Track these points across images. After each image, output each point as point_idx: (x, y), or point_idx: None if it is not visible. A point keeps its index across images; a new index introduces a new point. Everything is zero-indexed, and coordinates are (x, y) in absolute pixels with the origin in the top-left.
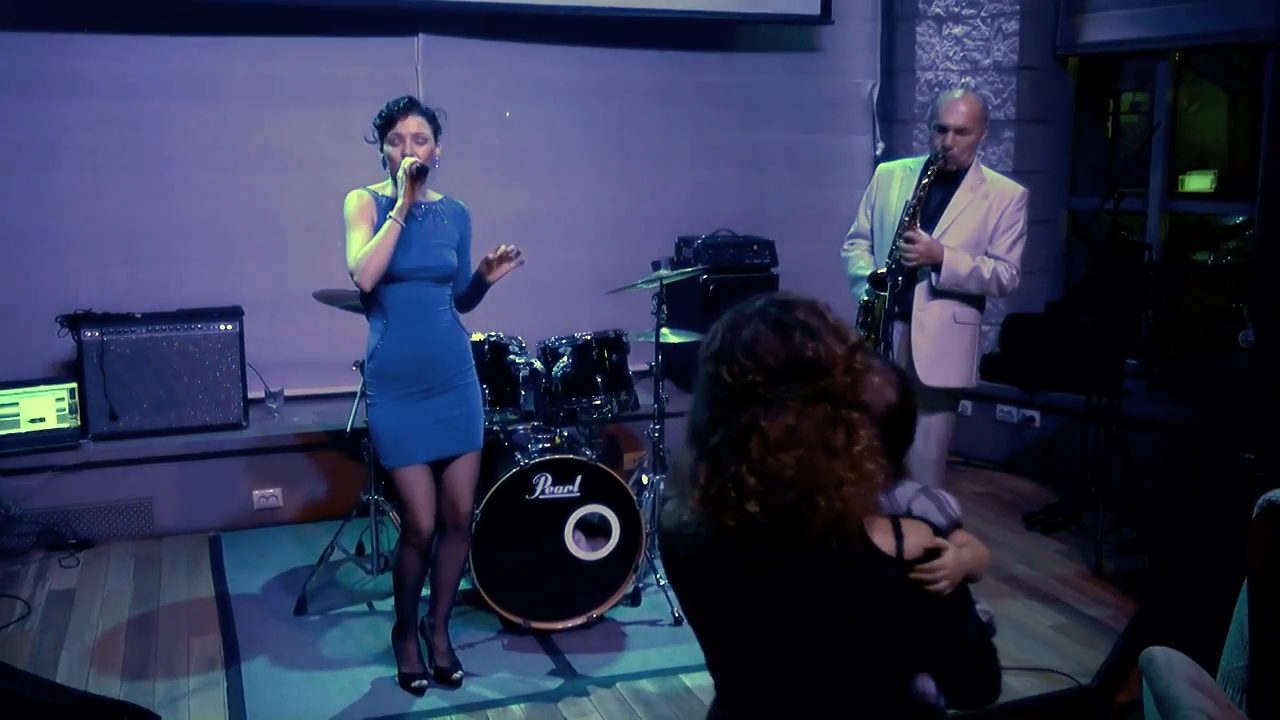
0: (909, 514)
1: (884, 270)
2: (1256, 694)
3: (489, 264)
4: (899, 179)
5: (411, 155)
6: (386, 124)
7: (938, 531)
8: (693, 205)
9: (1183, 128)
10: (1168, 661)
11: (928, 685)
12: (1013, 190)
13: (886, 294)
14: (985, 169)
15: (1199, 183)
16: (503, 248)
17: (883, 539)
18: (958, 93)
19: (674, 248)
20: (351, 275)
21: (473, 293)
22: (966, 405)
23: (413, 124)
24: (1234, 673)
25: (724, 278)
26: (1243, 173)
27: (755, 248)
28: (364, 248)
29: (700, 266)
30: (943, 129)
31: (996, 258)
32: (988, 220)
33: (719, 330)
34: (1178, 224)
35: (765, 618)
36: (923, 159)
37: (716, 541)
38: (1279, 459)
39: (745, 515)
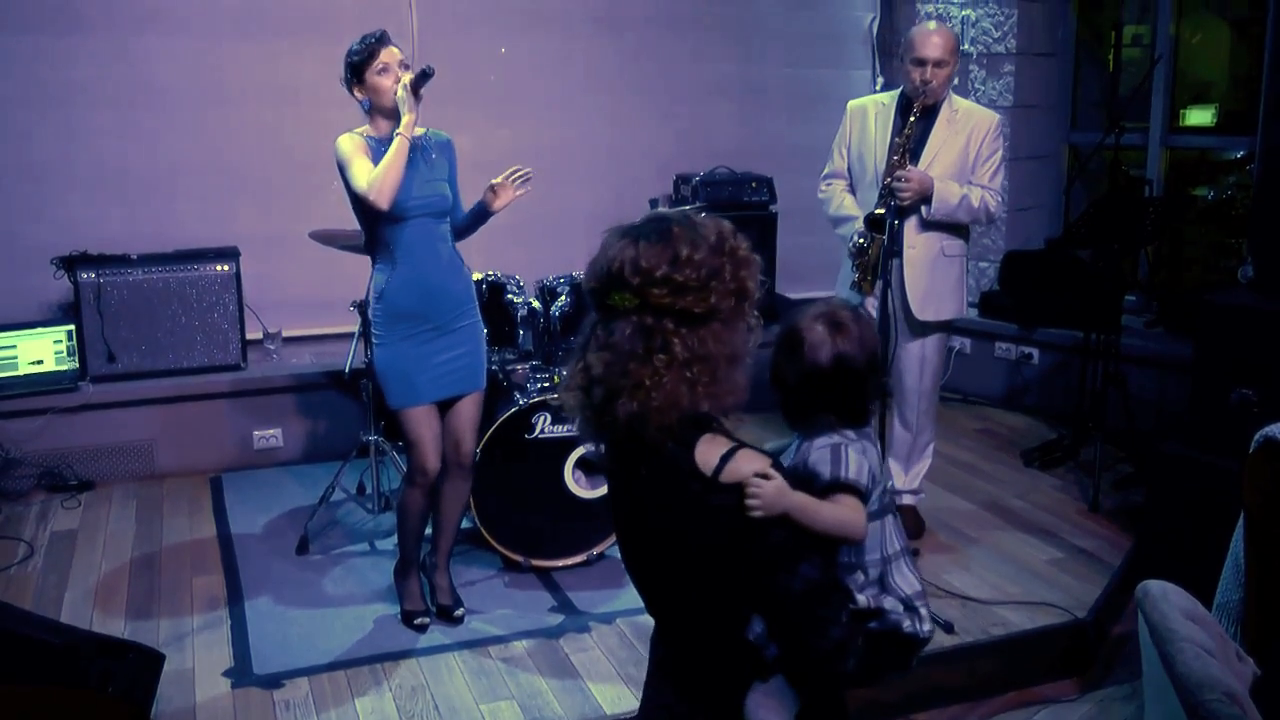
0: (804, 463)
1: (881, 211)
2: (1251, 626)
3: (494, 190)
4: (873, 116)
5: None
6: (368, 58)
7: (819, 483)
8: (691, 141)
9: (1184, 61)
10: (1163, 594)
11: (755, 626)
12: (988, 118)
13: (885, 236)
14: (956, 98)
15: (1200, 117)
16: (509, 171)
17: (706, 458)
18: (931, 24)
19: (672, 185)
20: (366, 198)
21: (473, 223)
22: (965, 343)
23: (395, 50)
24: (1229, 605)
25: (722, 215)
26: (1244, 107)
27: (754, 185)
28: (377, 168)
29: (698, 204)
30: (920, 62)
31: (980, 186)
32: (968, 150)
33: None
34: (1178, 159)
35: (621, 521)
36: (894, 94)
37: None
38: (1277, 395)
39: (565, 403)
